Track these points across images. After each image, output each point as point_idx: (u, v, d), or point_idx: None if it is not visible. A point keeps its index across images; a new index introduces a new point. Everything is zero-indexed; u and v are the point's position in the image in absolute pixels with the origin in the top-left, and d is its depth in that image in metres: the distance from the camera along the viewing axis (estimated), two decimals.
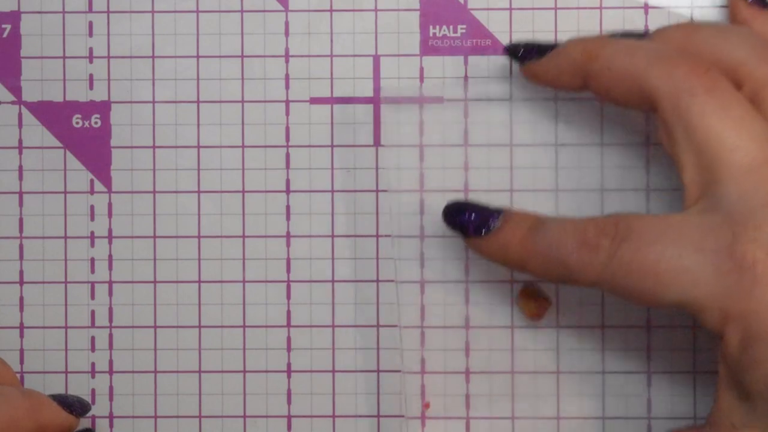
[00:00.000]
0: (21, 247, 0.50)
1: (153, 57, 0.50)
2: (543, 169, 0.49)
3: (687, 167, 0.43)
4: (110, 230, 0.50)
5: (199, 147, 0.50)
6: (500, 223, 0.45)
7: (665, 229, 0.42)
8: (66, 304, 0.50)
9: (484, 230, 0.45)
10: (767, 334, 0.41)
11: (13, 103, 0.50)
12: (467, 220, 0.46)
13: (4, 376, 0.47)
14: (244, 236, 0.50)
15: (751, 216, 0.41)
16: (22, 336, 0.50)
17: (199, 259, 0.50)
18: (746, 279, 0.41)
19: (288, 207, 0.50)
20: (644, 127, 0.49)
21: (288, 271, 0.50)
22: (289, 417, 0.50)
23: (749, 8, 0.47)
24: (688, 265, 0.41)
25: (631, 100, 0.44)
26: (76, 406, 0.47)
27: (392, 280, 0.49)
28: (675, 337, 0.49)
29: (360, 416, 0.50)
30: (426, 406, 0.49)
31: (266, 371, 0.50)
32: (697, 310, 0.42)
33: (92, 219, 0.50)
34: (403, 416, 0.49)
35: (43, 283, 0.50)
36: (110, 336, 0.50)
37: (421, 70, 0.49)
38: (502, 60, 0.49)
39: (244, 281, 0.50)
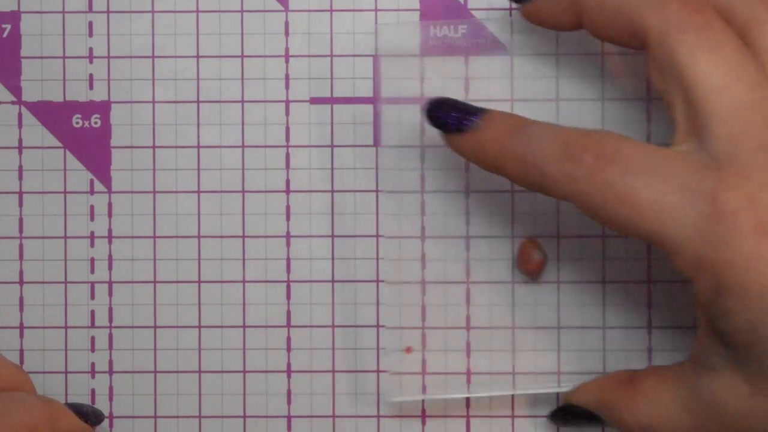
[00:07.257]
0: (21, 247, 0.50)
1: (153, 57, 0.50)
2: None
3: (676, 106, 0.42)
4: (110, 230, 0.50)
5: (199, 147, 0.50)
6: (481, 122, 0.44)
7: (653, 160, 0.41)
8: (66, 304, 0.50)
9: (463, 127, 0.45)
10: (741, 286, 0.40)
11: (13, 103, 0.50)
12: (448, 116, 0.45)
13: (22, 382, 0.47)
14: (244, 236, 0.50)
15: (736, 162, 0.40)
16: (22, 336, 0.50)
17: (199, 259, 0.50)
18: (725, 227, 0.40)
19: (288, 207, 0.50)
20: (645, 96, 0.49)
21: (288, 271, 0.50)
22: (289, 417, 0.50)
23: None
24: (670, 203, 0.40)
25: (624, 38, 0.43)
26: (90, 416, 0.48)
27: (392, 281, 0.49)
28: (676, 327, 0.49)
29: (360, 416, 0.49)
30: (408, 350, 0.49)
31: (266, 371, 0.50)
32: (671, 250, 0.41)
33: (92, 219, 0.50)
34: (403, 416, 0.49)
35: (43, 283, 0.50)
36: (110, 336, 0.50)
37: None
38: (502, 60, 0.49)
39: (244, 281, 0.50)
